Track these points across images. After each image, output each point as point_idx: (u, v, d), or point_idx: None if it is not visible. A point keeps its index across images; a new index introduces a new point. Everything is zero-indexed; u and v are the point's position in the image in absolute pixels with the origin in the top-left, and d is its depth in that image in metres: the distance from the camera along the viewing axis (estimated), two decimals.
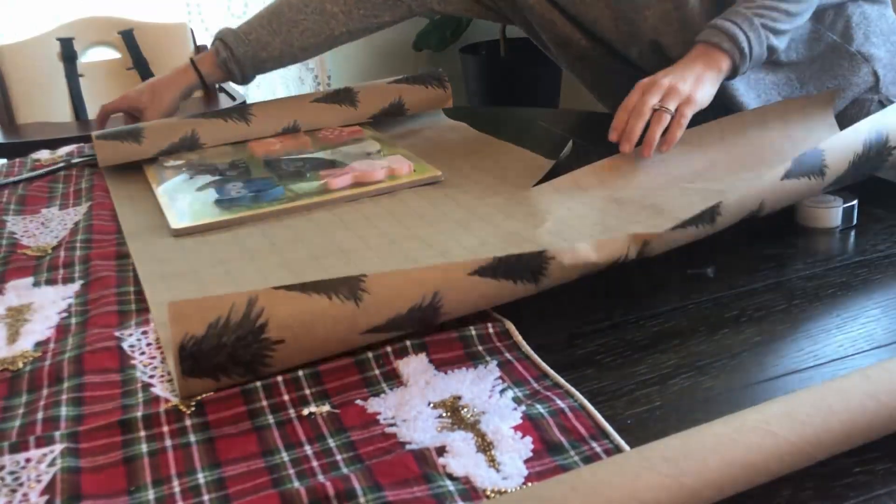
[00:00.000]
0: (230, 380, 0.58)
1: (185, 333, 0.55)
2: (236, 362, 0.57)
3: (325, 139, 1.11)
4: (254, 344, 0.57)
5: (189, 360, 0.56)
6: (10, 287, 0.76)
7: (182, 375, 0.56)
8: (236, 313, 0.56)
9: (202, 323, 0.56)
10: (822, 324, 0.63)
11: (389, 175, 0.95)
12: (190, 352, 0.56)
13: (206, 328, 0.56)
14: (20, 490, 0.49)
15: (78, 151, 1.19)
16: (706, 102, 0.89)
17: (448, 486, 0.47)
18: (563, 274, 0.65)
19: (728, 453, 0.44)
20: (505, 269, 0.62)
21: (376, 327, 0.60)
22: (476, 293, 0.62)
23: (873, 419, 0.47)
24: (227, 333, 0.56)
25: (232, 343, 0.56)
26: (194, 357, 0.56)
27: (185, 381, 0.57)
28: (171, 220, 0.87)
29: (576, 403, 0.53)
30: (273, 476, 0.49)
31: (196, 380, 0.57)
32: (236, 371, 0.57)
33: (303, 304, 0.58)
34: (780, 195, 0.74)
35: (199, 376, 0.57)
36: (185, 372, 0.56)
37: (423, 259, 0.75)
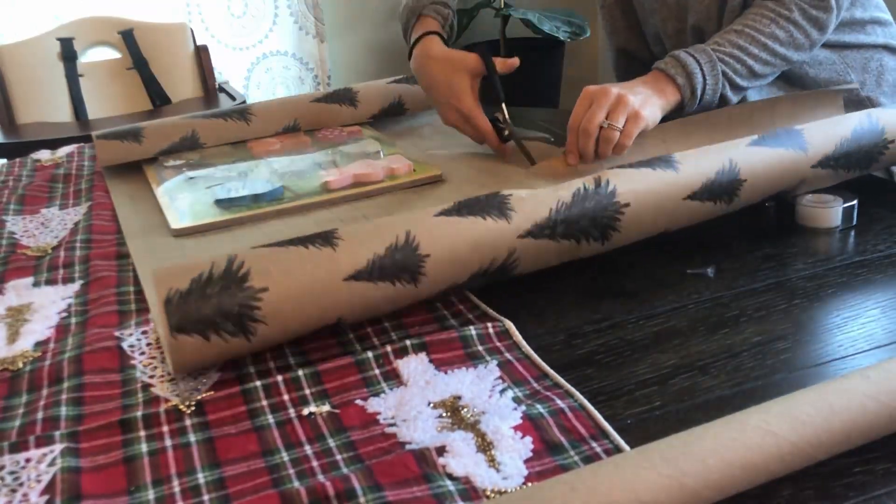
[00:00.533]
0: (221, 340, 0.57)
1: (169, 288, 0.57)
2: (225, 315, 0.57)
3: (325, 139, 1.11)
4: (238, 293, 0.58)
5: (176, 314, 0.57)
6: (10, 287, 0.76)
7: (171, 333, 0.56)
8: (218, 267, 0.58)
9: (186, 278, 0.58)
10: (822, 324, 0.63)
11: (389, 175, 0.95)
12: (176, 304, 0.57)
13: (190, 282, 0.58)
14: (20, 490, 0.49)
15: (78, 151, 1.19)
16: (653, 123, 0.88)
17: (448, 486, 0.47)
18: (530, 208, 0.66)
19: (728, 453, 0.44)
20: (468, 208, 0.65)
21: (359, 272, 0.60)
22: (449, 230, 0.64)
23: (874, 419, 0.47)
24: (211, 285, 0.58)
25: (217, 293, 0.57)
26: (181, 310, 0.57)
27: (174, 340, 0.56)
28: (171, 220, 0.87)
29: (576, 403, 0.53)
30: (273, 476, 0.49)
31: (186, 338, 0.57)
32: (226, 328, 0.57)
33: (280, 254, 0.61)
34: (757, 166, 0.74)
35: (188, 332, 0.57)
36: (174, 327, 0.56)
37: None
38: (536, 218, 0.66)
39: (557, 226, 0.67)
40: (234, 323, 0.58)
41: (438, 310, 0.67)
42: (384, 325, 0.65)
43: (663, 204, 0.71)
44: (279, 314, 0.59)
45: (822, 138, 0.77)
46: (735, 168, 0.73)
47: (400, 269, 0.62)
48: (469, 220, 0.65)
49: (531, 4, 2.77)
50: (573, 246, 0.69)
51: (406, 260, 0.62)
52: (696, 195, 0.72)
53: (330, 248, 0.61)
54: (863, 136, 0.79)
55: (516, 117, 1.00)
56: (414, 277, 0.63)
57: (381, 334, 0.64)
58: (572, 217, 0.68)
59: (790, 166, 0.76)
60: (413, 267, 0.62)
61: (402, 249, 0.62)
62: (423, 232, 0.63)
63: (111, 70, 2.07)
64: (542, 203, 0.67)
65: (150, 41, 2.08)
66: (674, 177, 0.71)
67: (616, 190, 0.69)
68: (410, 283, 0.63)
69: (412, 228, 0.63)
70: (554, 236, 0.67)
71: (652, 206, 0.71)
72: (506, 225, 0.65)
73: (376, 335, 0.64)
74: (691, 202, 0.72)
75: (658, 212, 0.71)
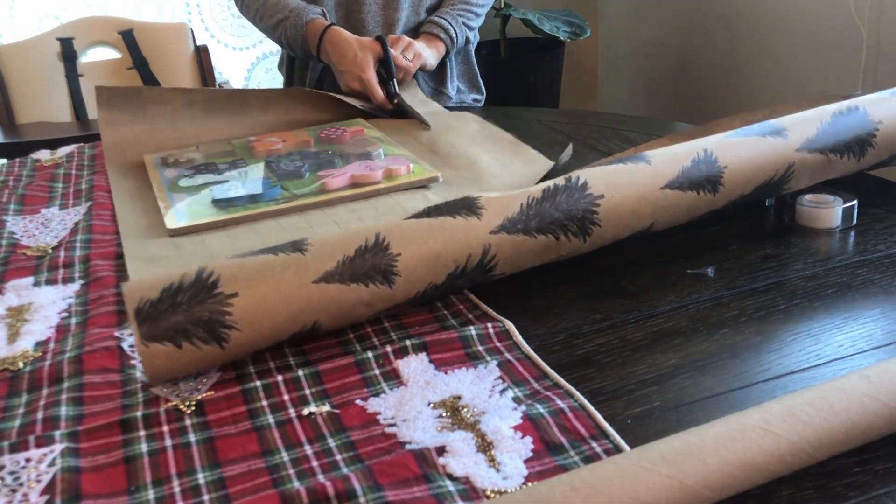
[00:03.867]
0: (193, 347, 0.57)
1: (140, 298, 0.58)
2: (196, 322, 0.57)
3: (328, 139, 1.11)
4: (208, 300, 0.58)
5: (147, 322, 0.57)
6: (10, 287, 0.76)
7: (142, 341, 0.56)
8: (188, 277, 0.59)
9: (156, 289, 0.58)
10: (822, 324, 0.63)
11: (387, 176, 0.95)
12: (147, 314, 0.57)
13: (161, 292, 0.58)
14: (20, 490, 0.49)
15: (78, 151, 1.19)
16: (432, 66, 1.37)
17: (448, 486, 0.47)
18: (500, 205, 0.67)
19: (728, 453, 0.44)
20: (437, 210, 0.66)
21: (329, 273, 0.60)
22: (419, 229, 0.64)
23: (874, 419, 0.47)
24: (181, 293, 0.58)
25: (187, 301, 0.58)
26: (152, 318, 0.57)
27: (146, 348, 0.57)
28: (167, 219, 0.87)
29: (576, 403, 0.53)
30: (273, 476, 0.49)
31: (157, 346, 0.57)
32: (198, 335, 0.57)
33: (250, 261, 0.61)
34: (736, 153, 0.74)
35: (160, 340, 0.57)
36: (145, 336, 0.57)
37: None
38: (507, 213, 0.66)
39: (531, 220, 0.67)
40: (206, 330, 0.57)
41: (438, 310, 0.67)
42: (384, 325, 0.65)
43: (642, 193, 0.70)
44: (251, 319, 0.59)
45: (801, 124, 0.77)
46: (712, 156, 0.73)
47: (371, 269, 0.62)
48: (439, 220, 0.65)
49: (531, 4, 2.77)
50: (552, 242, 0.68)
51: (377, 260, 0.62)
52: (675, 184, 0.71)
53: (299, 254, 0.61)
54: (845, 119, 0.78)
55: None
56: (387, 278, 0.62)
57: (381, 334, 0.64)
58: (545, 211, 0.67)
59: (772, 151, 0.75)
60: (385, 266, 0.62)
61: (372, 250, 0.62)
62: (394, 233, 0.64)
63: (111, 70, 2.07)
64: (512, 199, 0.67)
65: (150, 41, 2.08)
66: (646, 167, 0.71)
67: (588, 183, 0.69)
68: (384, 284, 0.62)
69: (382, 231, 0.64)
70: (529, 231, 0.67)
71: (631, 197, 0.70)
72: (476, 222, 0.66)
73: (376, 335, 0.64)
74: (671, 191, 0.71)
75: (638, 202, 0.70)
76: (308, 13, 1.34)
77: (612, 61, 2.98)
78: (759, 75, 2.35)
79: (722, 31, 2.46)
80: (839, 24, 2.05)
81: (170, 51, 2.09)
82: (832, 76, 2.12)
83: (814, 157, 0.77)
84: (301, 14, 1.34)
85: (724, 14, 2.44)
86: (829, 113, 0.78)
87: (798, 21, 2.19)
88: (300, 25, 1.34)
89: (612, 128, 1.15)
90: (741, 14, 2.38)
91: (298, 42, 1.35)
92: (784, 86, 2.27)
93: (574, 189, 0.69)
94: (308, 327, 0.61)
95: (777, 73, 2.29)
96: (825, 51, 2.12)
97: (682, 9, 2.60)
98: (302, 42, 1.34)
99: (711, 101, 2.56)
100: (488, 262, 0.66)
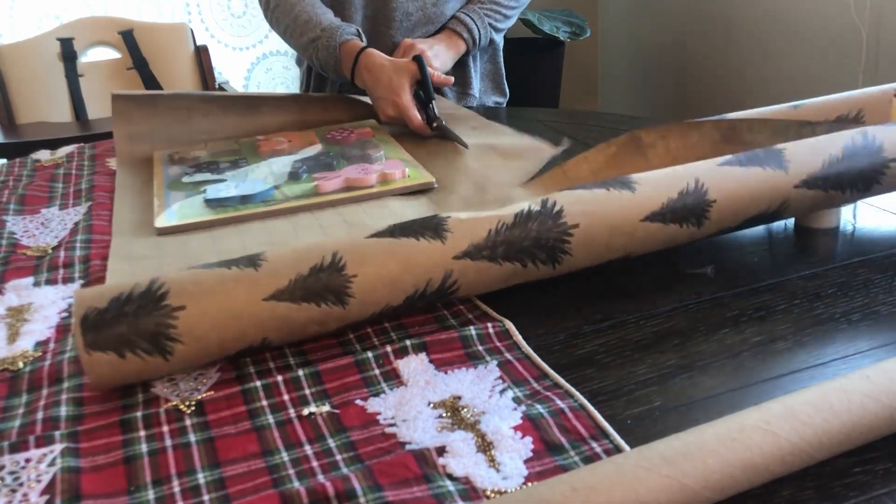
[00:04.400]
0: (137, 358, 0.57)
1: (88, 307, 0.57)
2: (140, 333, 0.57)
3: (334, 140, 1.11)
4: (155, 312, 0.57)
5: (91, 331, 0.56)
6: (10, 287, 0.76)
7: (85, 348, 0.56)
8: (139, 287, 0.58)
9: (106, 298, 0.58)
10: (822, 324, 0.63)
11: (381, 180, 0.94)
12: (92, 322, 0.57)
13: (109, 302, 0.58)
14: (20, 490, 0.49)
15: (78, 151, 1.19)
16: (446, 68, 1.29)
17: (448, 486, 0.47)
18: (468, 229, 0.64)
19: (728, 453, 0.44)
20: (402, 230, 0.64)
21: (280, 291, 0.59)
22: (379, 250, 0.62)
23: (874, 419, 0.47)
24: (130, 303, 0.58)
25: (134, 311, 0.57)
26: (96, 327, 0.57)
27: (88, 356, 0.56)
28: (157, 218, 0.88)
29: (576, 403, 0.53)
30: (273, 476, 0.49)
31: (100, 354, 0.56)
32: (141, 346, 0.57)
33: (203, 275, 0.60)
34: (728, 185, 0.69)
35: (104, 349, 0.56)
36: (88, 344, 0.56)
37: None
38: (474, 239, 0.64)
39: (497, 247, 0.64)
40: (150, 342, 0.57)
41: (438, 310, 0.67)
42: (384, 325, 0.65)
43: (618, 224, 0.67)
44: (197, 334, 0.58)
45: (807, 156, 0.71)
46: (702, 188, 0.68)
47: (324, 289, 0.60)
48: (401, 241, 0.63)
49: (531, 4, 2.77)
50: (519, 269, 0.65)
51: (331, 280, 0.60)
52: (657, 216, 0.67)
53: (252, 269, 0.60)
54: (857, 153, 0.72)
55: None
56: (341, 299, 0.60)
57: (381, 334, 0.64)
58: (514, 238, 0.64)
59: (767, 186, 0.70)
60: (339, 288, 0.60)
61: (327, 269, 0.60)
62: (352, 253, 0.61)
63: (111, 70, 2.07)
64: (481, 224, 0.64)
65: (150, 41, 2.08)
66: (629, 196, 0.67)
67: (563, 210, 0.65)
68: (338, 305, 0.61)
69: (340, 249, 0.61)
70: (494, 258, 0.64)
71: (606, 228, 0.66)
72: (440, 245, 0.63)
73: (376, 335, 0.64)
74: (651, 224, 0.67)
75: (613, 234, 0.67)
76: (342, 33, 1.23)
77: (612, 61, 2.97)
78: (759, 75, 2.35)
79: (722, 31, 2.46)
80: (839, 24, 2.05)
81: (170, 51, 2.09)
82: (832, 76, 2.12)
83: (813, 193, 0.72)
84: (334, 34, 1.23)
85: (723, 14, 2.44)
86: (840, 146, 0.72)
87: (798, 21, 2.19)
88: (333, 47, 1.23)
89: (612, 128, 1.15)
90: (741, 14, 2.38)
91: (332, 64, 1.25)
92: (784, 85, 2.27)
93: (548, 216, 0.65)
94: (257, 343, 0.60)
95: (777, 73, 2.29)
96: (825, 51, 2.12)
97: (682, 9, 2.60)
98: (336, 65, 1.24)
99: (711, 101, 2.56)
100: (449, 287, 0.64)
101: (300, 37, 1.27)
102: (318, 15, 1.26)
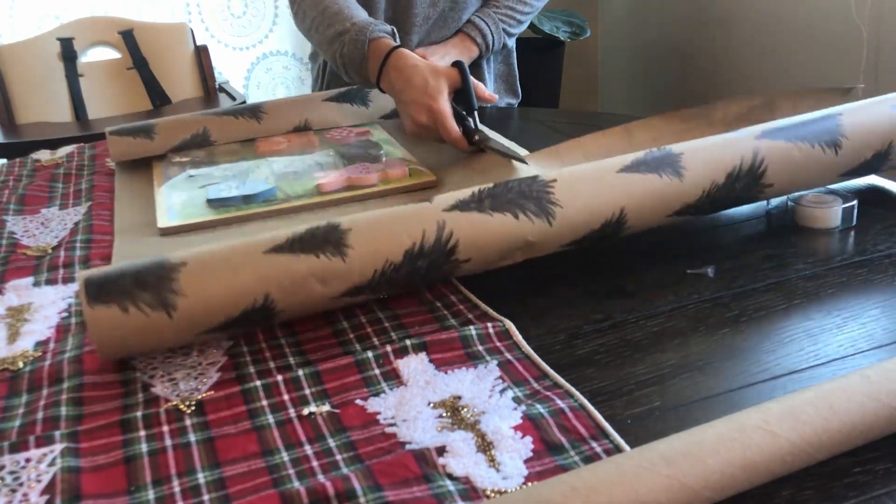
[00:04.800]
0: (140, 313, 0.58)
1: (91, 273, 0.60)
2: (142, 285, 0.59)
3: (333, 139, 1.11)
4: (157, 269, 0.60)
5: (94, 286, 0.58)
6: (10, 287, 0.76)
7: (87, 302, 0.58)
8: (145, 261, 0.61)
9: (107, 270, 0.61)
10: (822, 324, 0.63)
11: (382, 179, 0.95)
12: (95, 279, 0.59)
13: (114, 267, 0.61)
14: (20, 490, 0.49)
15: (78, 151, 1.19)
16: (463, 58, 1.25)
17: (448, 486, 0.47)
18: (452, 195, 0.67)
19: (728, 453, 0.44)
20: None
21: (279, 245, 0.62)
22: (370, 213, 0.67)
23: (874, 419, 0.47)
24: (133, 267, 0.61)
25: (136, 269, 0.60)
26: (99, 284, 0.59)
27: (91, 310, 0.58)
28: (160, 218, 0.88)
29: (576, 403, 0.53)
30: (273, 476, 0.49)
31: (102, 307, 0.58)
32: (143, 299, 0.58)
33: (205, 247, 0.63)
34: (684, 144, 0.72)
35: (105, 302, 0.58)
36: (91, 297, 0.58)
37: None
38: (459, 197, 0.67)
39: (484, 200, 0.66)
40: (152, 294, 0.59)
41: (438, 310, 0.67)
42: (384, 325, 0.65)
43: (597, 176, 0.70)
44: (198, 287, 0.60)
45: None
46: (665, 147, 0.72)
47: (322, 241, 0.63)
48: (391, 207, 0.67)
49: None
50: (513, 222, 0.66)
51: (328, 234, 0.63)
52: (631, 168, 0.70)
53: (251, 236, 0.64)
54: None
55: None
56: (339, 249, 0.63)
57: (381, 334, 0.64)
58: (498, 192, 0.67)
59: (732, 140, 0.73)
60: (335, 239, 0.63)
61: (322, 228, 0.64)
62: (345, 218, 0.65)
63: (111, 70, 2.07)
64: (464, 191, 0.68)
65: (150, 41, 2.08)
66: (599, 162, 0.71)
67: (540, 175, 0.69)
68: (337, 257, 0.62)
69: (334, 218, 0.65)
70: (483, 210, 0.66)
71: (587, 180, 0.69)
72: (428, 205, 0.67)
73: (376, 335, 0.64)
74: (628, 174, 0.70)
75: (596, 183, 0.69)
76: (373, 29, 1.09)
77: (612, 61, 2.98)
78: (759, 75, 2.35)
79: (722, 31, 2.46)
80: (839, 23, 2.05)
81: (170, 51, 2.09)
82: (832, 76, 2.12)
83: (779, 145, 0.73)
84: (364, 29, 1.09)
85: (723, 14, 2.44)
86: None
87: (798, 21, 2.19)
88: (362, 42, 1.08)
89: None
90: (741, 14, 2.38)
91: (356, 62, 1.09)
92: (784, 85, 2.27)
93: (529, 180, 0.68)
94: (260, 302, 0.61)
95: (777, 72, 2.29)
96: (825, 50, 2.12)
97: (681, 9, 2.60)
98: (360, 62, 1.09)
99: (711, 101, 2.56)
100: (446, 241, 0.65)
101: (327, 28, 1.13)
102: (349, 9, 1.15)
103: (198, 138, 1.10)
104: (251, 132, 1.13)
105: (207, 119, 1.13)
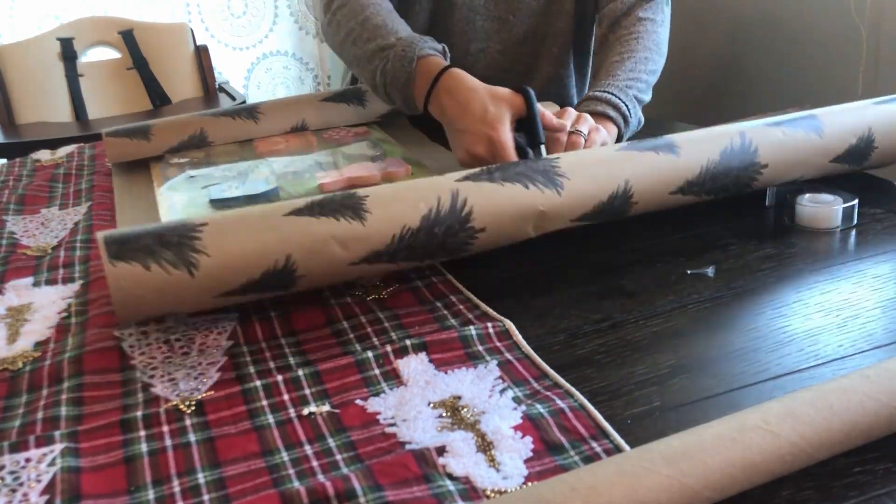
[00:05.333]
0: (162, 271, 0.59)
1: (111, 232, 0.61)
2: (164, 243, 0.60)
3: (331, 139, 1.11)
4: (180, 228, 0.61)
5: (115, 244, 0.59)
6: (10, 287, 0.76)
7: (109, 259, 0.58)
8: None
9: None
10: (822, 324, 0.63)
11: (385, 178, 0.95)
12: (116, 238, 0.60)
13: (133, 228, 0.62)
14: (20, 490, 0.49)
15: (78, 151, 1.19)
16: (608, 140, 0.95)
17: (448, 485, 0.47)
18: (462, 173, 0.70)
19: (728, 453, 0.44)
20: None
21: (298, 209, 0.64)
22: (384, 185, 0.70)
23: (874, 419, 0.47)
24: (156, 227, 0.62)
25: (158, 229, 0.61)
26: (120, 242, 0.60)
27: (113, 267, 0.58)
28: (162, 219, 0.87)
29: (576, 403, 0.53)
30: (273, 476, 0.49)
31: (124, 265, 0.58)
32: (165, 256, 0.59)
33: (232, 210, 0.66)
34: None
35: (127, 260, 0.59)
36: (112, 255, 0.59)
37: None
38: (469, 172, 0.70)
39: (493, 172, 0.70)
40: (175, 252, 0.59)
41: (438, 310, 0.67)
42: (384, 325, 0.65)
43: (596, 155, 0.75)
44: (220, 246, 0.61)
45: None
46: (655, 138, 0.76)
47: (341, 206, 0.65)
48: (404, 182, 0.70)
49: None
50: (523, 192, 0.69)
51: (345, 200, 0.65)
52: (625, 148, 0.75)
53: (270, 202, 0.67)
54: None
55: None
56: (357, 213, 0.64)
57: (381, 334, 0.64)
58: (507, 167, 0.71)
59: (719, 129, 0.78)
60: (354, 204, 0.65)
61: (340, 195, 0.66)
62: (361, 189, 0.68)
63: (111, 70, 2.07)
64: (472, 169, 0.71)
65: (150, 41, 2.08)
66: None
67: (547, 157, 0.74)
68: (356, 220, 0.64)
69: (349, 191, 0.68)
70: (494, 180, 0.69)
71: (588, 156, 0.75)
72: (440, 178, 0.69)
73: (376, 335, 0.64)
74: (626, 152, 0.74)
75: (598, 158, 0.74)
76: (423, 46, 0.95)
77: None
78: (759, 75, 2.35)
79: (722, 31, 2.46)
80: (839, 24, 2.05)
81: (170, 51, 2.09)
82: (832, 76, 2.12)
83: (764, 129, 0.78)
84: (413, 45, 0.95)
85: (723, 14, 2.44)
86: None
87: (798, 21, 2.19)
88: (409, 59, 0.94)
89: None
90: (741, 14, 2.38)
91: (400, 82, 0.95)
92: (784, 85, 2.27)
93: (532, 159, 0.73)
94: (281, 264, 0.62)
95: (777, 72, 2.29)
96: (825, 51, 2.12)
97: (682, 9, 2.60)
98: (406, 82, 0.95)
99: (711, 102, 2.56)
100: (461, 208, 0.67)
101: (367, 42, 0.99)
102: (394, 22, 1.01)
103: (195, 139, 1.10)
104: (248, 133, 1.13)
105: (204, 120, 1.12)
